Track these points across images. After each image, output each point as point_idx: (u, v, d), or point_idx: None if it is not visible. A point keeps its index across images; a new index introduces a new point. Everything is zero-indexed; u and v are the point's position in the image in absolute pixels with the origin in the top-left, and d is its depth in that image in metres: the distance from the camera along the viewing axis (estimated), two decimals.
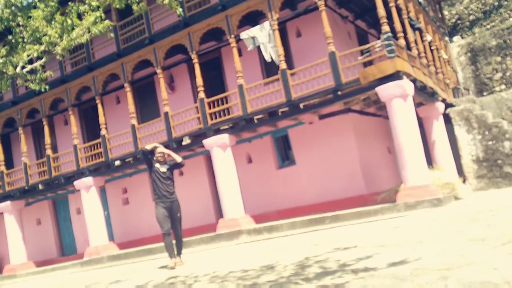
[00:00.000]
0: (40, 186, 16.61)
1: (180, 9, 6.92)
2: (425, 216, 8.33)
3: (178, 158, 7.95)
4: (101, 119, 15.19)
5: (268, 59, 12.63)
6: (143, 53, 14.33)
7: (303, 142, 13.72)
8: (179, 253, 7.93)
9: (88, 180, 15.26)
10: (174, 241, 7.95)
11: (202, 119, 13.19)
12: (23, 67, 7.17)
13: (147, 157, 7.90)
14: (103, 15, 6.76)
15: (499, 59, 18.92)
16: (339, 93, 11.47)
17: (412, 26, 12.85)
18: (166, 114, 13.85)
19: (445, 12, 22.96)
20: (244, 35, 12.70)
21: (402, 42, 11.42)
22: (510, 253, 3.83)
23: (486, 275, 3.23)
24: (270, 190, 14.08)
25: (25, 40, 6.85)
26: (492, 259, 3.72)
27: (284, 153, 14.40)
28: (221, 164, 12.88)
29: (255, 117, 12.63)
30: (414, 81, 11.43)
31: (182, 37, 13.61)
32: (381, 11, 11.17)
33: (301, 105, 11.98)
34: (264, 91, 12.76)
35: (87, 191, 15.30)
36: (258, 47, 13.00)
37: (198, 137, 13.42)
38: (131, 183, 16.73)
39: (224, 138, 12.84)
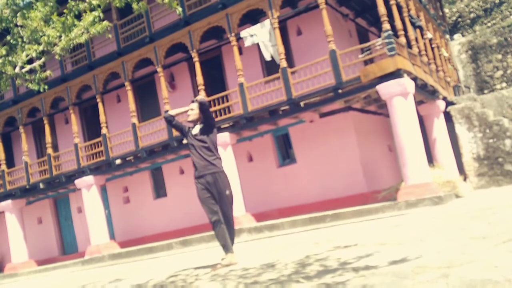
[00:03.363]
0: (41, 185, 16.64)
1: (180, 9, 6.88)
2: (426, 214, 8.33)
3: (196, 101, 5.89)
4: (102, 117, 15.20)
5: (268, 57, 12.61)
6: (144, 52, 14.33)
7: (304, 141, 13.72)
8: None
9: (89, 178, 15.28)
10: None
11: None
12: (22, 67, 7.17)
13: (172, 124, 6.11)
14: (101, 15, 6.74)
15: (500, 57, 18.89)
16: (340, 91, 11.47)
17: (412, 24, 12.83)
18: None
19: (446, 10, 22.93)
20: (244, 33, 12.69)
21: (402, 40, 11.40)
22: (511, 251, 3.83)
23: (487, 273, 3.22)
24: (271, 189, 14.08)
25: (24, 40, 6.85)
26: (493, 257, 3.72)
27: (285, 152, 14.40)
28: None
29: (256, 116, 12.63)
30: (414, 79, 11.42)
31: (182, 36, 13.61)
32: (381, 9, 11.16)
33: (302, 104, 11.98)
34: (264, 90, 12.76)
35: (88, 189, 15.31)
36: (259, 46, 12.98)
37: None
38: (132, 181, 16.74)
39: (225, 136, 12.84)
